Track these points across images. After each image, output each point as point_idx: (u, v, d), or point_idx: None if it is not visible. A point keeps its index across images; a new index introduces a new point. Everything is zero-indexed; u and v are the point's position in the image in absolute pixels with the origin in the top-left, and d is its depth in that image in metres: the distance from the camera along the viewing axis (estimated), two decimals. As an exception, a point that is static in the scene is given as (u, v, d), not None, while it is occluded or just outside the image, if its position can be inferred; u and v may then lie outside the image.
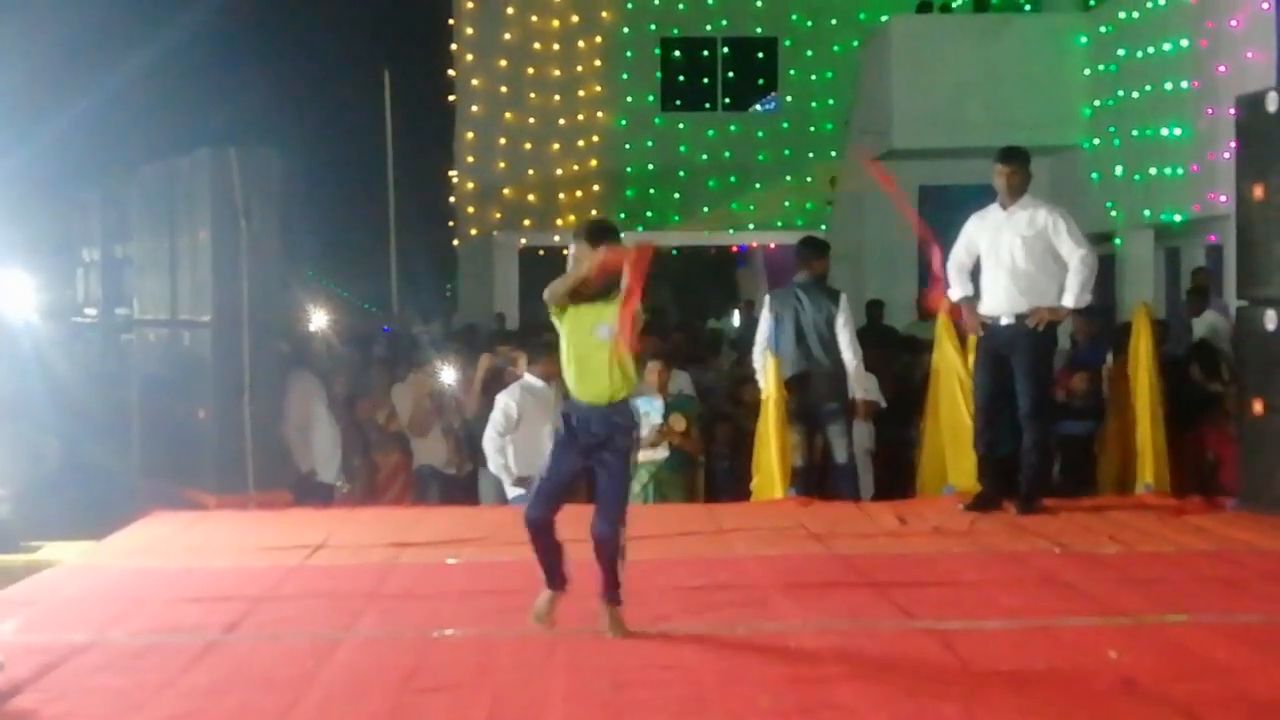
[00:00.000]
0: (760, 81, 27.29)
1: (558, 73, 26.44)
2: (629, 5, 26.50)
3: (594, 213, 26.10)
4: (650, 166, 26.48)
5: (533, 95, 26.36)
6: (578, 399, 6.20)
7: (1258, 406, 9.29)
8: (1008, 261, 9.48)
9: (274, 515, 9.81)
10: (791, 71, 26.85)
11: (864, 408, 10.81)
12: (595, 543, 6.13)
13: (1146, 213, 17.43)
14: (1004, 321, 9.39)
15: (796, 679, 5.52)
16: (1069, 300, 9.32)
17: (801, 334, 10.60)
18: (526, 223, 26.57)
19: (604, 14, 26.47)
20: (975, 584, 7.26)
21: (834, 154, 24.86)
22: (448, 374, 11.75)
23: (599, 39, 26.49)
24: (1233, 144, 9.96)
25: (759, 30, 26.77)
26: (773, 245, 29.41)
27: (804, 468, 10.71)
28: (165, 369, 11.20)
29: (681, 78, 26.89)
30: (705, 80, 26.90)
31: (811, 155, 26.37)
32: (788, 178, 26.61)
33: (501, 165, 26.43)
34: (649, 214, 26.35)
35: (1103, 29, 18.82)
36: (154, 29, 21.19)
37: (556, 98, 26.40)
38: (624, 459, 6.16)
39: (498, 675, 5.65)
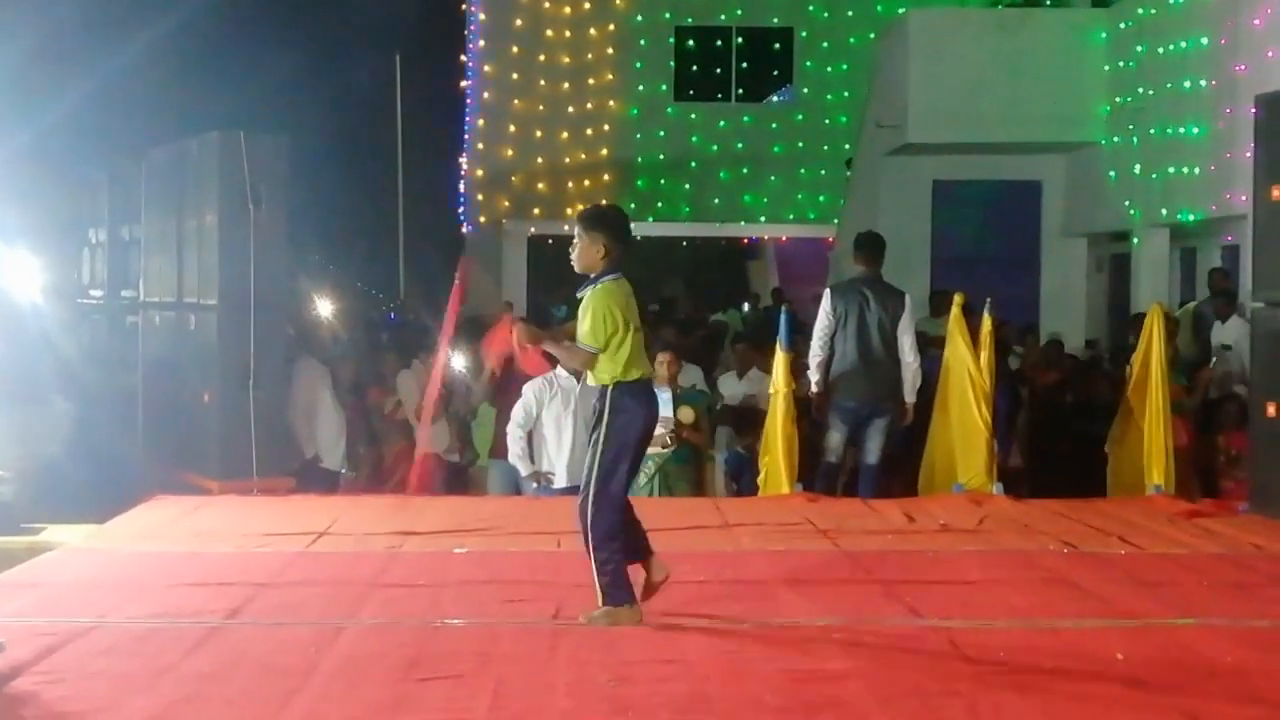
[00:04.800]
0: (775, 73, 27.22)
1: (569, 61, 26.36)
2: (643, -7, 26.42)
3: (604, 202, 25.99)
4: (661, 157, 26.41)
5: (543, 82, 26.29)
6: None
7: (1270, 409, 9.23)
8: None
9: (277, 501, 9.80)
10: (807, 63, 26.77)
11: (911, 412, 10.69)
12: None
13: (1163, 212, 17.33)
14: None
15: (801, 675, 5.48)
16: None
17: (865, 331, 10.48)
18: (536, 211, 26.51)
19: (617, 1, 26.38)
20: (983, 583, 7.21)
21: (848, 147, 24.76)
22: (455, 361, 11.70)
23: (612, 27, 26.40)
24: (1252, 144, 9.85)
25: (775, 21, 26.68)
26: (784, 238, 29.38)
27: (835, 465, 10.65)
28: (171, 352, 11.17)
29: (695, 67, 26.81)
30: (719, 70, 26.81)
31: (826, 148, 26.30)
32: (801, 170, 26.55)
33: (511, 153, 26.37)
34: (659, 205, 26.30)
35: (1122, 25, 18.71)
36: (165, 9, 21.12)
37: (567, 85, 26.33)
38: (595, 443, 6.39)
39: (500, 665, 5.61)
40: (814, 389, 10.64)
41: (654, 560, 6.47)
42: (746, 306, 29.36)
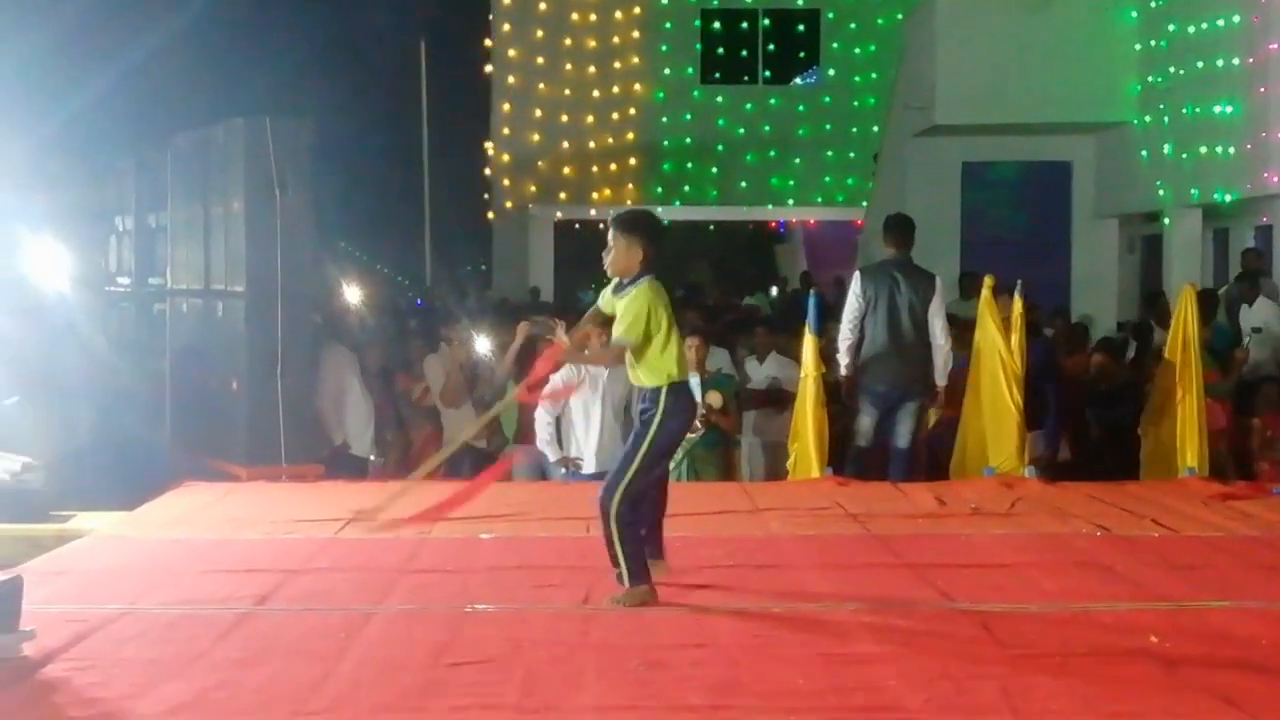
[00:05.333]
0: (802, 54, 27.14)
1: (594, 44, 26.32)
2: (669, -25, 26.35)
3: (630, 187, 26.09)
4: (688, 140, 26.36)
5: (569, 67, 26.26)
6: None
7: (1305, 390, 9.14)
8: None
9: (307, 488, 9.79)
10: (834, 44, 26.68)
11: (943, 395, 10.62)
12: None
13: (1195, 192, 17.21)
14: None
15: (832, 658, 5.44)
16: None
17: (895, 314, 10.41)
18: (562, 196, 26.50)
19: (643, -15, 26.33)
20: (1015, 566, 7.16)
21: (876, 129, 24.67)
22: (481, 345, 11.67)
23: (637, 10, 26.34)
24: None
25: (801, 2, 26.61)
26: (812, 221, 29.29)
27: (866, 449, 10.58)
28: (198, 340, 11.17)
29: (721, 50, 26.74)
30: (745, 53, 26.73)
31: (854, 130, 26.21)
32: (828, 153, 26.47)
33: (537, 138, 26.35)
34: (686, 188, 26.26)
35: (1153, 4, 18.58)
36: (189, -4, 21.16)
37: (593, 69, 26.29)
38: (640, 436, 6.39)
39: (530, 650, 5.58)
40: (844, 372, 10.58)
41: (661, 563, 6.63)
42: (774, 290, 29.31)
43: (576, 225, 28.89)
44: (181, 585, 6.79)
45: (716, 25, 26.68)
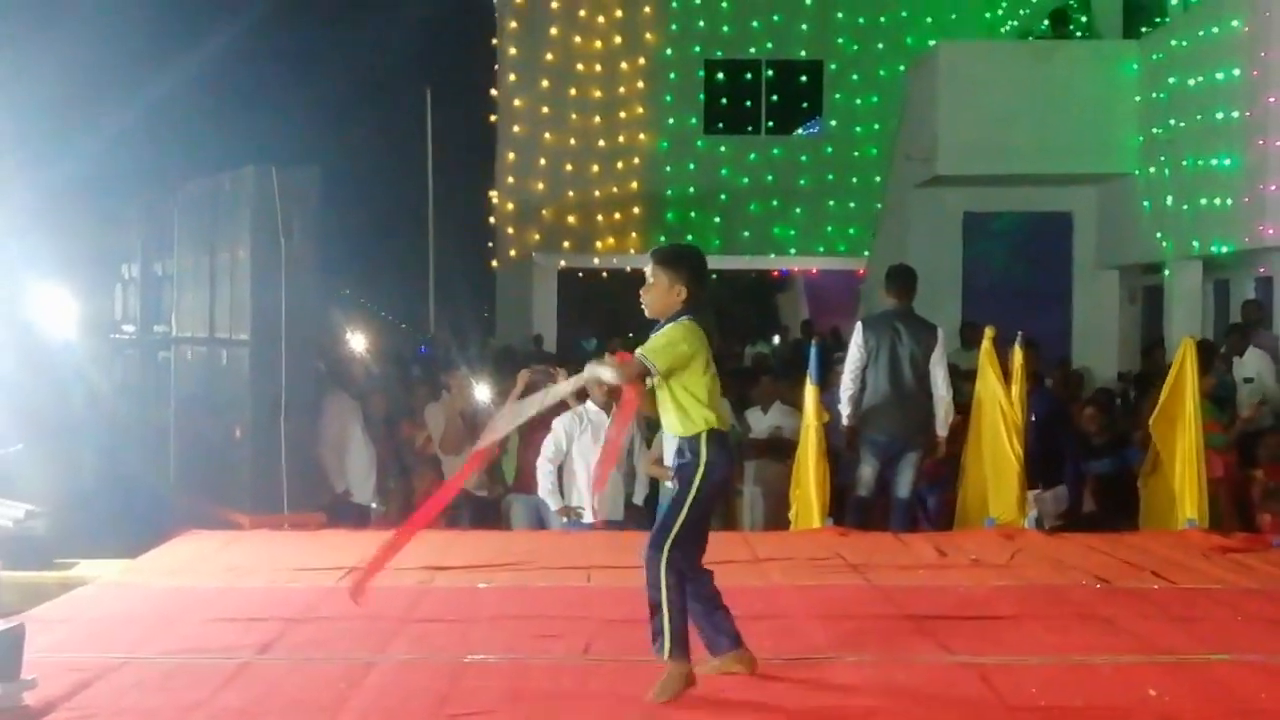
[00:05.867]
0: (804, 105, 27.26)
1: (599, 94, 26.46)
2: (673, 27, 26.52)
3: (634, 235, 26.18)
4: (691, 189, 26.46)
5: (574, 116, 26.39)
6: None
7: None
8: None
9: (309, 536, 9.79)
10: (836, 95, 26.80)
11: (943, 445, 10.65)
12: None
13: (1195, 244, 17.27)
14: None
15: (832, 712, 5.46)
16: None
17: (897, 364, 10.46)
18: (566, 244, 26.57)
19: (648, 36, 26.50)
20: (1014, 618, 7.17)
21: (878, 179, 24.77)
22: (481, 393, 11.70)
23: (642, 60, 26.50)
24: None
25: (804, 54, 26.74)
26: (814, 270, 29.37)
27: (866, 499, 10.61)
28: (202, 387, 11.20)
29: (725, 100, 26.87)
30: (749, 103, 26.86)
31: (855, 180, 26.31)
32: (830, 202, 26.56)
33: (541, 186, 26.46)
34: (689, 237, 26.29)
35: (1154, 57, 18.67)
36: (196, 44, 21.28)
37: (598, 119, 26.42)
38: (685, 488, 5.90)
39: (530, 702, 5.60)
40: (845, 422, 10.61)
41: (743, 653, 6.03)
42: (776, 339, 29.35)
43: (580, 274, 28.97)
44: (183, 634, 6.80)
45: (720, 76, 26.82)
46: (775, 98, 26.89)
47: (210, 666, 6.14)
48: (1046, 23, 20.98)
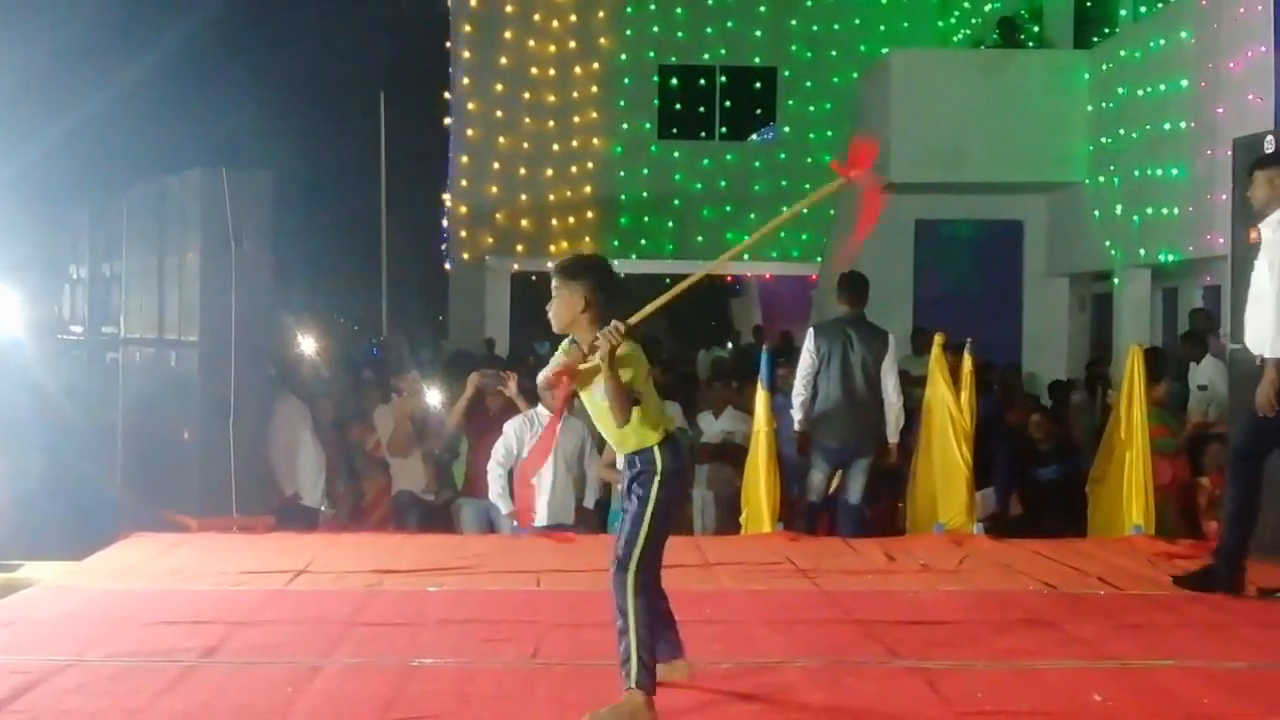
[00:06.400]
0: (758, 111, 27.33)
1: (553, 98, 26.44)
2: (628, 32, 26.53)
3: (587, 240, 26.16)
4: (645, 194, 26.47)
5: (528, 120, 26.37)
6: None
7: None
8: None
9: (256, 539, 9.74)
10: (790, 102, 26.88)
11: (895, 452, 10.69)
12: None
13: (1143, 252, 17.42)
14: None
15: (780, 715, 5.46)
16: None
17: (848, 371, 10.48)
18: (519, 248, 26.54)
19: (602, 40, 26.50)
20: (962, 623, 7.20)
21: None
22: (431, 397, 11.69)
23: (596, 65, 26.50)
24: (1231, 186, 9.89)
25: (758, 60, 26.80)
26: (768, 276, 29.43)
27: (816, 505, 10.64)
28: (151, 389, 11.13)
29: (678, 106, 26.90)
30: (702, 109, 26.90)
31: (808, 186, 26.21)
32: (784, 208, 26.48)
33: (495, 190, 26.42)
34: (643, 242, 26.34)
35: (1104, 67, 18.83)
36: (146, 45, 21.17)
37: (552, 123, 26.40)
38: (642, 503, 5.64)
39: (477, 706, 5.59)
40: (796, 428, 10.64)
41: (681, 663, 5.93)
42: (730, 345, 29.39)
43: (534, 277, 28.92)
44: (128, 637, 6.74)
45: (674, 81, 26.85)
46: (729, 103, 26.95)
47: (155, 670, 6.09)
48: (996, 32, 21.12)
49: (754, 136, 27.65)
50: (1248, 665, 6.37)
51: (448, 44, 27.18)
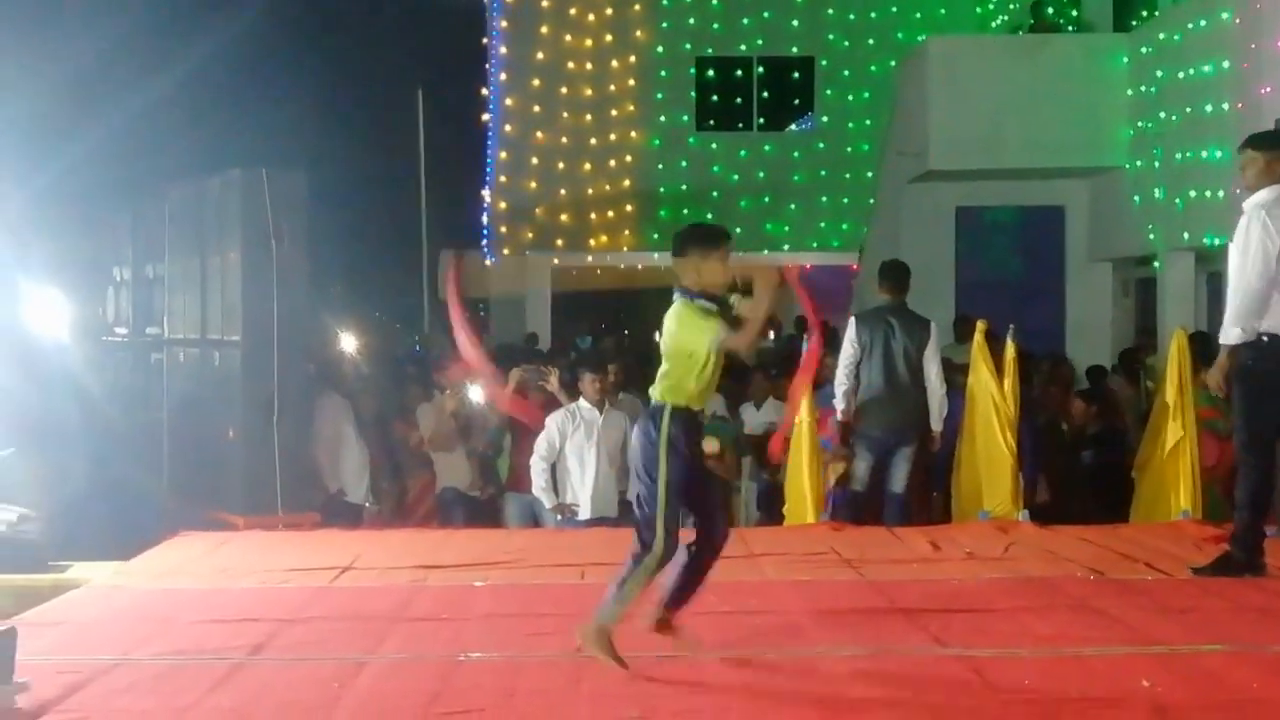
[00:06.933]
0: (796, 101, 27.25)
1: (591, 92, 26.45)
2: (664, 25, 26.50)
3: (626, 233, 26.18)
4: (684, 187, 26.44)
5: (566, 115, 26.38)
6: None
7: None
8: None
9: (302, 536, 9.80)
10: (828, 91, 26.80)
11: (939, 440, 10.65)
12: None
13: (1186, 236, 17.27)
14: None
15: (826, 706, 5.46)
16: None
17: (890, 359, 10.44)
18: (559, 243, 26.57)
19: (638, 33, 26.48)
20: (1008, 611, 7.16)
21: (870, 174, 24.78)
22: (474, 393, 11.70)
23: (633, 58, 26.49)
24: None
25: (795, 50, 26.73)
26: (808, 266, 29.34)
27: (862, 494, 10.59)
28: (195, 389, 11.21)
29: (716, 97, 26.86)
30: (740, 100, 26.85)
31: (848, 176, 26.31)
32: (823, 198, 26.55)
33: (534, 185, 26.45)
34: (682, 234, 26.29)
35: (1143, 50, 18.67)
36: (186, 46, 21.29)
37: (589, 117, 26.41)
38: (651, 465, 6.10)
39: (522, 700, 5.60)
40: (839, 418, 10.61)
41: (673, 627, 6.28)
42: (772, 335, 29.34)
43: (574, 272, 28.97)
44: (175, 636, 6.80)
45: (711, 73, 26.80)
46: (766, 94, 26.89)
47: (202, 668, 6.13)
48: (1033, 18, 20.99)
49: (792, 127, 27.57)
50: (1298, 649, 6.32)
51: (484, 40, 27.24)
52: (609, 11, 26.47)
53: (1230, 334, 7.99)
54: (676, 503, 6.06)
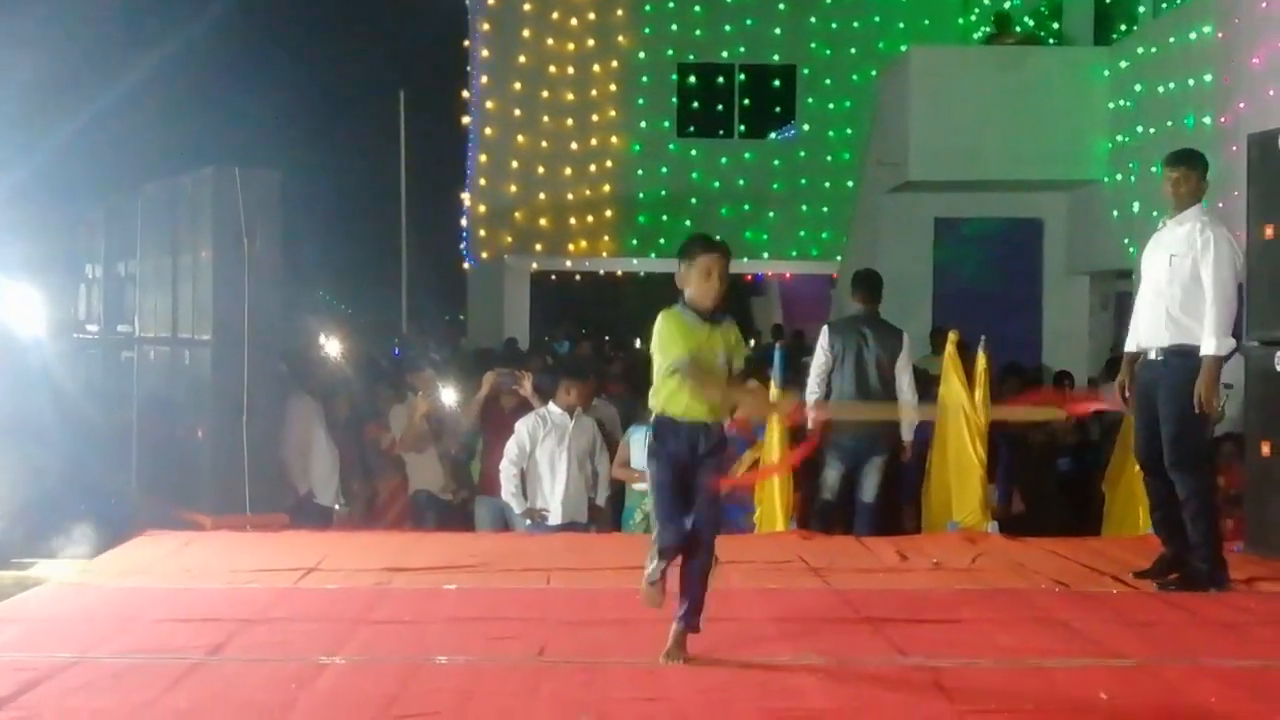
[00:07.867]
0: (777, 109, 27.31)
1: (572, 97, 26.47)
2: (646, 30, 26.54)
3: (606, 239, 26.18)
4: (664, 193, 26.47)
5: (546, 119, 26.40)
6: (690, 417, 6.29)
7: (1265, 448, 9.17)
8: (1154, 283, 8.37)
9: (269, 537, 9.75)
10: (809, 100, 26.85)
11: (910, 450, 10.65)
12: None
13: (1163, 250, 17.32)
14: (1151, 356, 8.35)
15: (782, 714, 5.44)
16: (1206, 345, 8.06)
17: (862, 369, 10.46)
18: (538, 247, 26.58)
19: (620, 39, 26.51)
20: (972, 621, 7.17)
21: (850, 184, 24.81)
22: (447, 396, 11.67)
23: (615, 63, 26.52)
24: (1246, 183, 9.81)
25: (777, 58, 26.78)
26: (787, 275, 29.40)
27: (831, 503, 10.59)
28: (165, 387, 11.15)
29: (697, 104, 26.91)
30: (721, 107, 26.90)
31: (828, 185, 26.36)
32: (803, 207, 26.60)
33: (513, 189, 26.45)
34: (661, 241, 26.33)
35: (1123, 64, 18.75)
36: (162, 44, 21.21)
37: (570, 122, 26.43)
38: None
39: (480, 703, 5.57)
40: (810, 426, 10.60)
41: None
42: (751, 343, 29.37)
43: (553, 276, 28.96)
44: (135, 634, 6.75)
45: (692, 80, 26.85)
46: (747, 102, 26.95)
47: (161, 667, 6.08)
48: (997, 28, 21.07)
49: (773, 134, 27.63)
50: (1260, 664, 6.32)
51: (466, 43, 27.23)
52: (591, 16, 26.49)
53: (1223, 344, 8.06)
54: (665, 499, 6.29)
